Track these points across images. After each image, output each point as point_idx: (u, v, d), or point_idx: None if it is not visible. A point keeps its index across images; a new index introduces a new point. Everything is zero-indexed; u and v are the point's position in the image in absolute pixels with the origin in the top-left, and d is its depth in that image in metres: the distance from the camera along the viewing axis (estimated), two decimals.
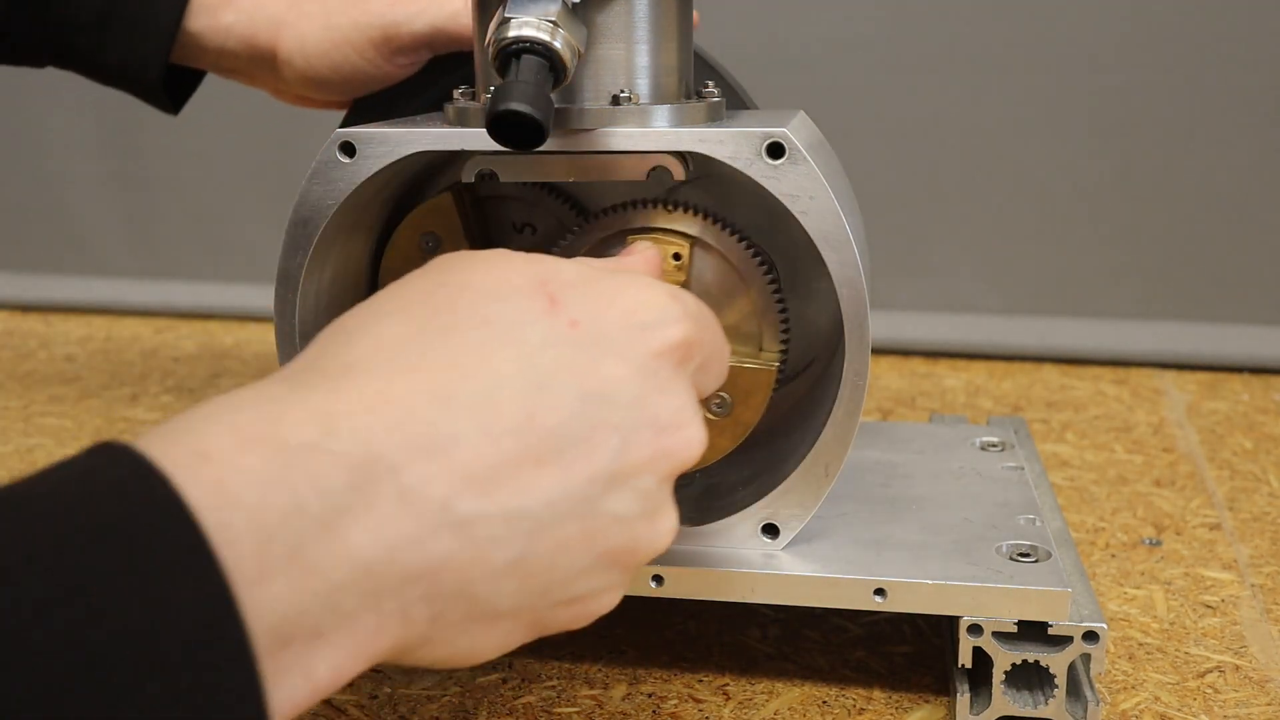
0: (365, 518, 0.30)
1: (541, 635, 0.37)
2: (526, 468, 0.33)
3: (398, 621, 0.31)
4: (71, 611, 0.24)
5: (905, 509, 0.57)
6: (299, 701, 0.29)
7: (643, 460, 0.36)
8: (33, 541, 0.25)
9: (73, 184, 1.32)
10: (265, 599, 0.27)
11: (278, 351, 0.53)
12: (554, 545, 0.34)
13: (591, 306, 0.37)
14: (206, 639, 0.26)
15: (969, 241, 1.10)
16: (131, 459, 0.27)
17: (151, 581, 0.25)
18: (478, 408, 0.33)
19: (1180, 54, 1.01)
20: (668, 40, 0.50)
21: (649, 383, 0.37)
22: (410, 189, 0.59)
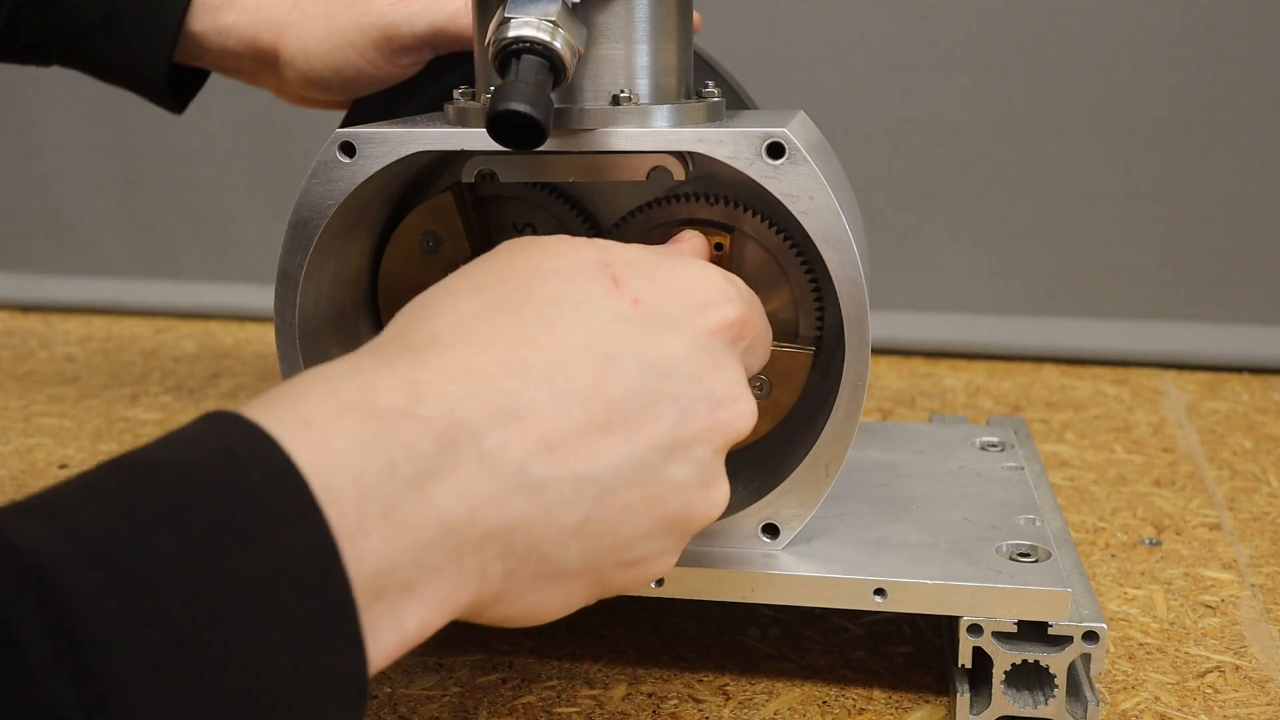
0: (450, 479, 0.32)
1: (601, 597, 0.40)
2: (594, 434, 0.36)
3: (476, 578, 0.34)
4: (201, 566, 0.26)
5: (905, 509, 0.57)
6: (390, 652, 0.32)
7: (700, 431, 0.39)
8: (162, 503, 0.27)
9: (73, 184, 1.32)
10: (364, 553, 0.30)
11: (278, 351, 0.53)
12: (618, 509, 0.37)
13: (652, 285, 0.40)
14: (316, 588, 0.28)
15: (969, 241, 1.10)
16: (243, 425, 0.29)
17: (268, 537, 0.27)
18: (551, 378, 0.36)
19: (1180, 54, 1.01)
20: (668, 40, 0.50)
21: (706, 358, 0.39)
22: (410, 189, 0.59)
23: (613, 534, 0.37)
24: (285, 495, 0.28)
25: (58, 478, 0.85)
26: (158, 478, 0.27)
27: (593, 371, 0.37)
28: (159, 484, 0.27)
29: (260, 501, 0.28)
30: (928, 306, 1.11)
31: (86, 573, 0.24)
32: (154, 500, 0.27)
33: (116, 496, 0.27)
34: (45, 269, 1.35)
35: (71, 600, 0.24)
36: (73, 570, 0.24)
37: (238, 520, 0.27)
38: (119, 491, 0.27)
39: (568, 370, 0.36)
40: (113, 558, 0.25)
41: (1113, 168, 1.05)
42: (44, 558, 0.24)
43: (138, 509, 0.26)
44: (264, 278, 1.23)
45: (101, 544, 0.25)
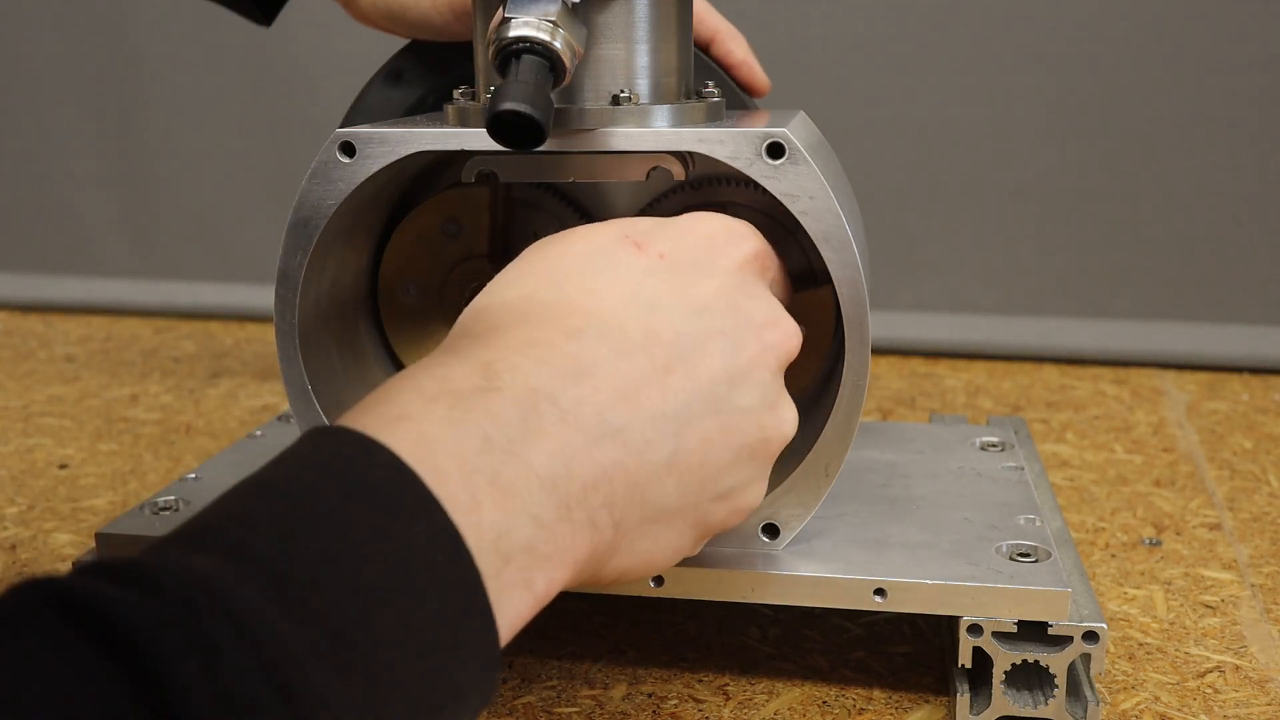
0: (539, 440, 0.35)
1: (704, 537, 0.42)
2: (659, 377, 0.39)
3: (588, 529, 0.36)
4: (343, 561, 0.29)
5: (905, 509, 0.57)
6: (524, 613, 0.34)
7: (753, 356, 0.42)
8: (298, 513, 0.29)
9: (73, 184, 1.32)
10: (481, 524, 0.32)
11: (278, 351, 0.53)
12: (698, 442, 0.39)
13: (672, 240, 0.43)
14: (445, 562, 0.30)
15: (969, 241, 1.10)
16: (347, 434, 0.32)
17: (394, 527, 0.30)
18: (606, 335, 0.39)
19: (1180, 54, 1.01)
20: (668, 40, 0.50)
21: (738, 292, 0.43)
22: (410, 189, 0.59)
23: (700, 467, 0.40)
24: (400, 487, 0.31)
25: (58, 478, 0.86)
26: (291, 496, 0.30)
27: (641, 322, 0.40)
28: (293, 501, 0.30)
29: (381, 498, 0.30)
30: (928, 306, 1.11)
31: (256, 587, 0.27)
32: (294, 516, 0.29)
33: (261, 519, 0.29)
34: (45, 269, 1.35)
35: (252, 615, 0.26)
36: (246, 587, 0.27)
37: (366, 519, 0.30)
38: (262, 513, 0.30)
39: (619, 325, 0.39)
40: (275, 572, 0.28)
41: (1113, 168, 1.05)
42: (222, 582, 0.27)
43: (282, 526, 0.29)
44: (264, 278, 1.23)
45: (263, 562, 0.28)
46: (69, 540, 0.72)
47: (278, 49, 1.21)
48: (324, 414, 0.53)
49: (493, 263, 0.57)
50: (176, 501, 0.60)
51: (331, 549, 0.29)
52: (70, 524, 0.75)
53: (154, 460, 0.86)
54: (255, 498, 0.30)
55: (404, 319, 0.60)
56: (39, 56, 1.29)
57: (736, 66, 0.64)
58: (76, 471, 0.84)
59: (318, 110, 1.17)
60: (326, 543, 0.29)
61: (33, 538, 0.73)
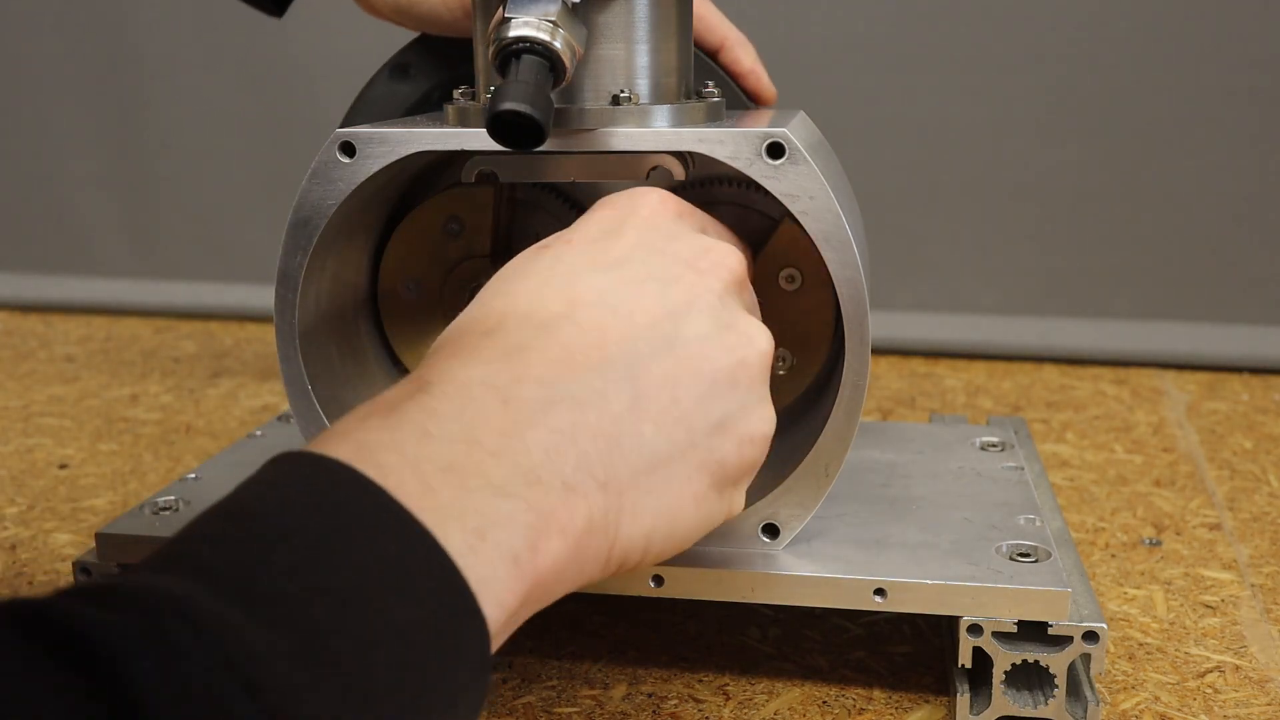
0: (484, 423, 0.35)
1: (730, 482, 0.41)
2: (592, 334, 0.38)
3: (568, 494, 0.35)
4: (306, 568, 0.29)
5: (905, 509, 0.57)
6: (517, 588, 0.33)
7: (689, 288, 0.41)
8: (257, 530, 0.30)
9: (73, 184, 1.32)
10: (440, 507, 0.32)
11: (278, 351, 0.53)
12: (660, 381, 0.39)
13: (578, 225, 0.44)
14: (406, 547, 0.31)
15: (969, 241, 1.10)
16: (299, 456, 0.33)
17: (355, 532, 0.30)
18: (527, 319, 0.39)
19: (1180, 54, 1.01)
20: (668, 40, 0.50)
21: (655, 237, 0.42)
22: (410, 189, 0.59)
23: (674, 405, 0.39)
24: (353, 491, 0.31)
25: (58, 478, 0.86)
26: (248, 516, 0.31)
27: (560, 294, 0.39)
28: (251, 520, 0.30)
29: (338, 507, 0.31)
30: (928, 306, 1.11)
31: (221, 598, 0.27)
32: (253, 533, 0.30)
33: (222, 539, 0.30)
34: (45, 269, 1.35)
35: (214, 619, 0.27)
36: (209, 597, 0.27)
37: (326, 527, 0.30)
38: (222, 534, 0.30)
39: (539, 306, 0.39)
40: (238, 583, 0.28)
41: (1112, 168, 1.05)
42: (185, 593, 0.27)
43: (243, 543, 0.30)
44: (264, 278, 1.23)
45: (225, 576, 0.28)
46: (69, 540, 0.72)
47: (278, 49, 1.21)
48: (324, 413, 0.53)
49: (494, 263, 0.57)
50: (176, 501, 0.60)
51: (294, 559, 0.29)
52: (70, 524, 0.75)
53: (154, 460, 0.86)
54: (215, 522, 0.31)
55: (404, 318, 0.60)
56: (39, 56, 1.29)
57: (744, 75, 0.64)
58: (76, 471, 0.84)
59: (318, 110, 1.17)
60: (289, 554, 0.29)
61: (33, 538, 0.73)
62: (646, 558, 0.39)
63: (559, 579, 0.35)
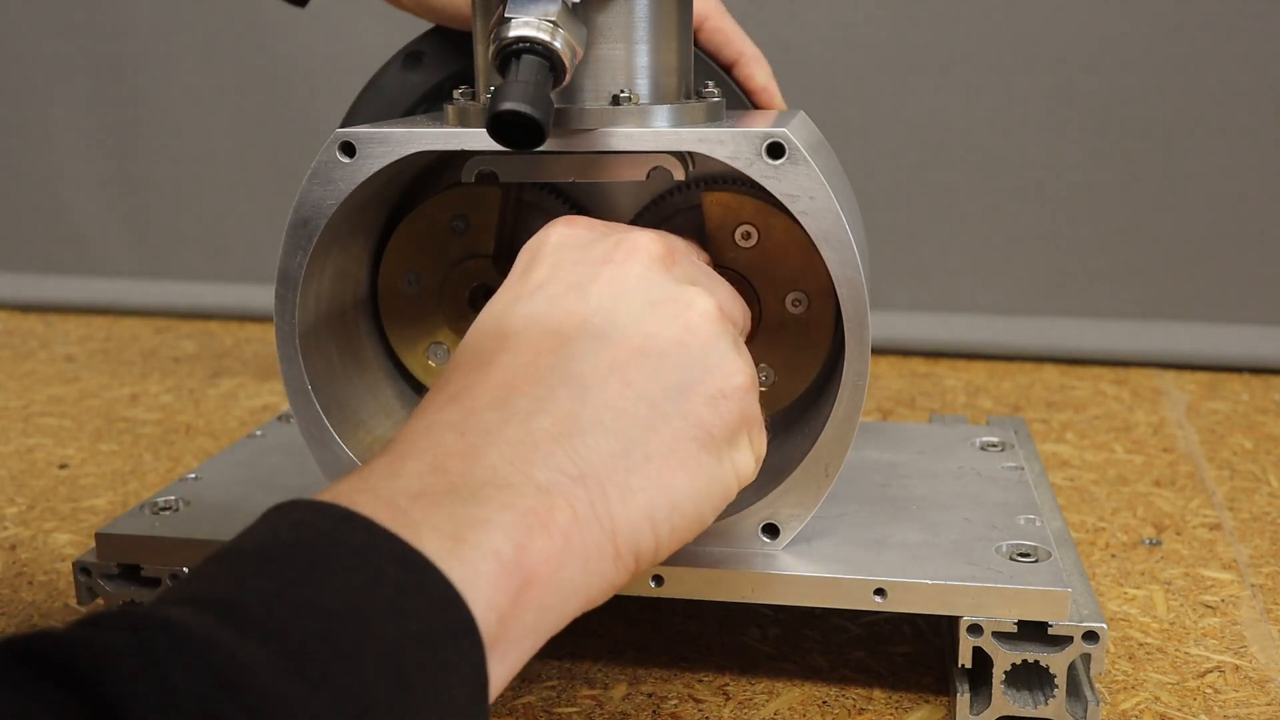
0: (446, 460, 0.36)
1: (718, 443, 0.41)
2: (528, 355, 0.40)
3: (543, 494, 0.36)
4: (296, 591, 0.30)
5: (905, 509, 0.57)
6: (503, 584, 0.34)
7: (609, 281, 0.42)
8: (249, 563, 0.31)
9: (73, 184, 1.32)
10: (413, 523, 0.33)
11: (278, 351, 0.53)
12: (605, 370, 0.39)
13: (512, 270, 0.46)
14: (388, 560, 0.32)
15: (969, 241, 1.10)
16: (292, 504, 0.34)
17: (336, 548, 0.32)
18: (469, 360, 0.41)
19: (1180, 54, 1.01)
20: (668, 40, 0.50)
21: (566, 253, 0.44)
22: (410, 189, 0.59)
23: (631, 384, 0.39)
24: (331, 519, 0.33)
25: (58, 478, 0.86)
26: (241, 554, 0.32)
27: (492, 335, 0.41)
28: (243, 557, 0.32)
29: (320, 532, 0.32)
30: (928, 306, 1.11)
31: (212, 619, 0.28)
32: (245, 566, 0.31)
33: (215, 574, 0.31)
34: (45, 269, 1.35)
35: (203, 638, 0.27)
36: (199, 619, 0.28)
37: (312, 557, 0.32)
38: (215, 571, 0.31)
39: (478, 346, 0.41)
40: (229, 607, 0.29)
41: (1113, 168, 1.05)
42: (176, 616, 0.28)
43: (234, 575, 0.31)
44: (264, 278, 1.23)
45: (217, 602, 0.29)
46: (69, 540, 0.72)
47: (278, 49, 1.21)
48: (324, 414, 0.53)
49: (497, 264, 0.57)
50: (176, 501, 0.60)
51: (281, 581, 0.30)
52: (70, 524, 0.75)
53: (154, 460, 0.86)
54: (207, 565, 0.32)
55: (404, 318, 0.60)
56: (39, 56, 1.29)
57: (757, 93, 0.64)
58: (76, 471, 0.84)
59: (318, 110, 1.17)
60: (275, 577, 0.30)
61: (33, 538, 0.73)
62: (660, 540, 0.39)
63: (559, 579, 0.35)
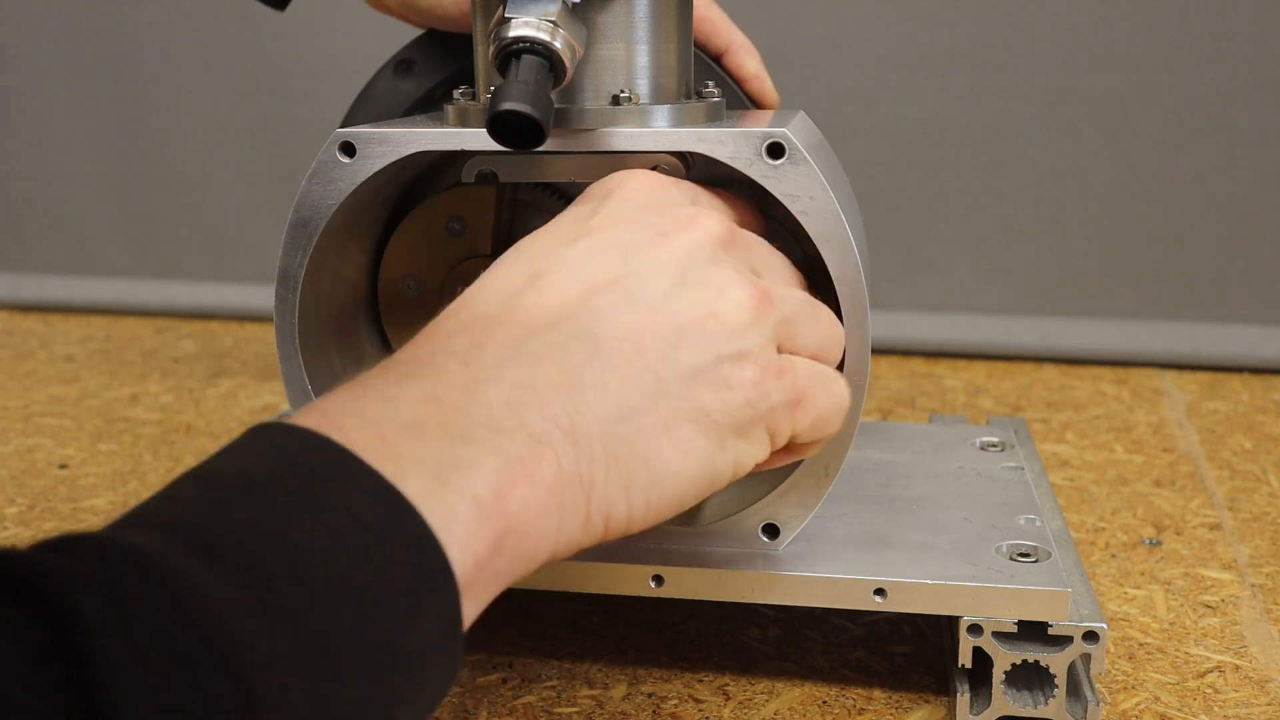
0: (445, 384, 0.36)
1: (720, 430, 0.39)
2: (551, 299, 0.39)
3: (533, 443, 0.35)
4: (269, 525, 0.30)
5: (905, 509, 0.57)
6: (483, 532, 0.33)
7: (656, 250, 0.41)
8: (224, 491, 0.31)
9: (72, 184, 1.32)
10: (401, 457, 0.33)
11: (278, 351, 0.53)
12: (624, 332, 0.39)
13: (571, 206, 0.45)
14: (366, 497, 0.31)
15: (969, 241, 1.10)
16: (271, 426, 0.34)
17: (314, 482, 0.31)
18: (492, 295, 0.40)
19: (1180, 54, 1.01)
20: (668, 40, 0.50)
21: (629, 208, 0.43)
22: (410, 189, 0.59)
23: (639, 354, 0.39)
24: (314, 452, 0.32)
25: (58, 478, 0.86)
26: (217, 479, 0.32)
27: (526, 267, 0.40)
28: (219, 482, 0.31)
29: (301, 468, 0.32)
30: (928, 306, 1.11)
31: (180, 549, 0.28)
32: (220, 494, 0.31)
33: (189, 499, 0.31)
34: (45, 269, 1.35)
35: (170, 570, 0.27)
36: (168, 549, 0.28)
37: (290, 488, 0.31)
38: (190, 495, 0.31)
39: (505, 284, 0.40)
40: (199, 537, 0.29)
41: (1113, 168, 1.05)
42: (145, 545, 0.28)
43: (208, 503, 0.30)
44: (264, 278, 1.23)
45: (187, 531, 0.29)
46: None
47: (278, 49, 1.21)
48: None
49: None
50: None
51: (254, 514, 0.30)
52: (70, 524, 0.75)
53: (154, 460, 0.86)
54: (185, 485, 0.32)
55: (404, 318, 0.60)
56: (39, 56, 1.29)
57: (748, 80, 0.64)
58: (76, 471, 0.84)
59: (318, 110, 1.17)
60: (250, 510, 0.30)
61: (33, 538, 0.72)
62: (633, 513, 0.38)
63: (535, 530, 0.35)
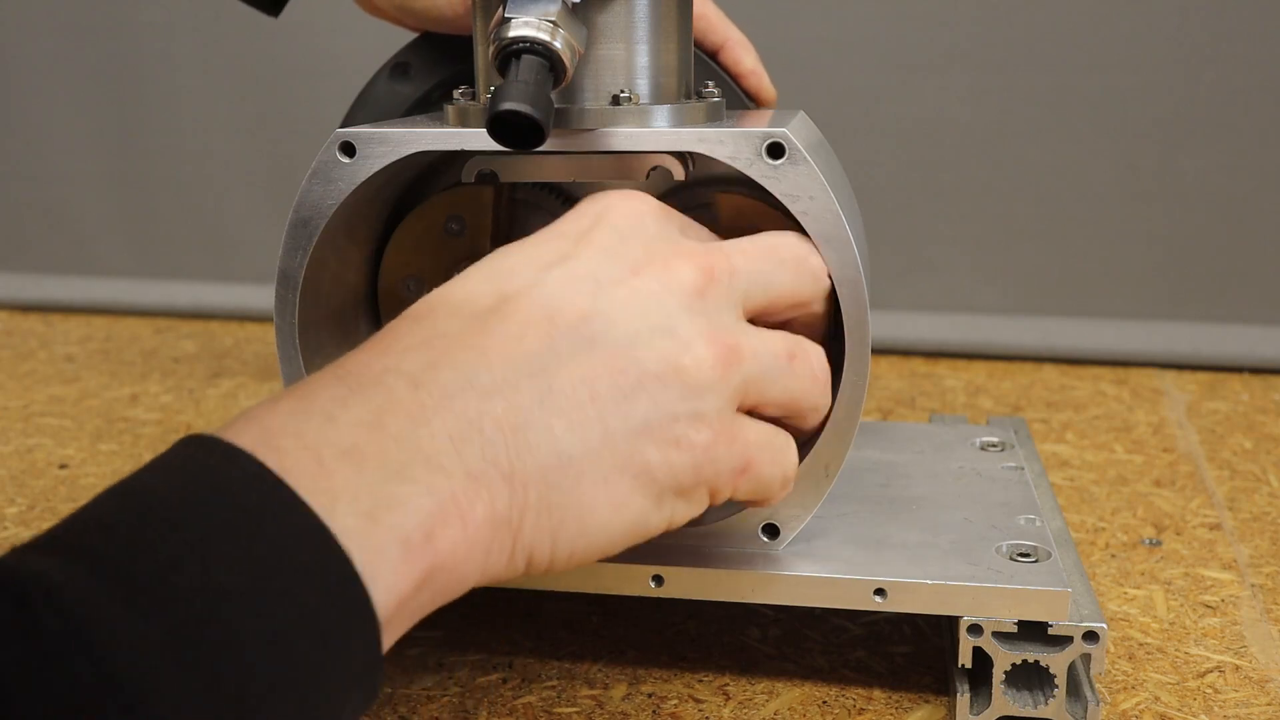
0: (390, 409, 0.34)
1: (661, 490, 0.39)
2: (513, 330, 0.38)
3: (470, 482, 0.34)
4: (191, 561, 0.29)
5: (905, 509, 0.57)
6: (410, 574, 0.33)
7: (630, 290, 0.40)
8: (149, 516, 0.30)
9: (72, 184, 1.32)
10: (334, 489, 0.32)
11: (278, 351, 0.53)
12: (578, 379, 0.37)
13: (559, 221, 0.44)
14: (294, 533, 0.30)
15: (969, 241, 1.10)
16: (203, 440, 0.33)
17: (245, 523, 0.30)
18: (455, 310, 0.39)
19: (1180, 54, 1.01)
20: (668, 40, 0.50)
21: (614, 238, 0.41)
22: (411, 189, 0.59)
23: (589, 403, 0.37)
24: (248, 478, 0.31)
25: (58, 478, 0.86)
26: (144, 500, 0.30)
27: (493, 287, 0.39)
28: (146, 504, 0.30)
29: (231, 495, 0.31)
30: (928, 306, 1.11)
31: (97, 584, 0.27)
32: (145, 519, 0.30)
33: (113, 523, 0.30)
34: (45, 269, 1.35)
35: (85, 607, 0.26)
36: (85, 583, 0.27)
37: (217, 518, 0.30)
38: (114, 518, 0.30)
39: (469, 299, 0.39)
40: (119, 571, 0.28)
41: (1113, 168, 1.05)
42: (61, 578, 0.27)
43: (132, 529, 0.29)
44: (264, 278, 1.23)
45: (108, 562, 0.28)
46: None
47: (278, 49, 1.21)
48: None
49: None
50: None
51: (180, 548, 0.29)
52: None
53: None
54: (113, 502, 0.31)
55: None
56: (39, 56, 1.29)
57: (744, 76, 0.64)
58: (76, 471, 0.84)
59: (318, 110, 1.17)
60: (176, 543, 0.29)
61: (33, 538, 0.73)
62: (556, 558, 0.38)
63: (461, 567, 0.35)
